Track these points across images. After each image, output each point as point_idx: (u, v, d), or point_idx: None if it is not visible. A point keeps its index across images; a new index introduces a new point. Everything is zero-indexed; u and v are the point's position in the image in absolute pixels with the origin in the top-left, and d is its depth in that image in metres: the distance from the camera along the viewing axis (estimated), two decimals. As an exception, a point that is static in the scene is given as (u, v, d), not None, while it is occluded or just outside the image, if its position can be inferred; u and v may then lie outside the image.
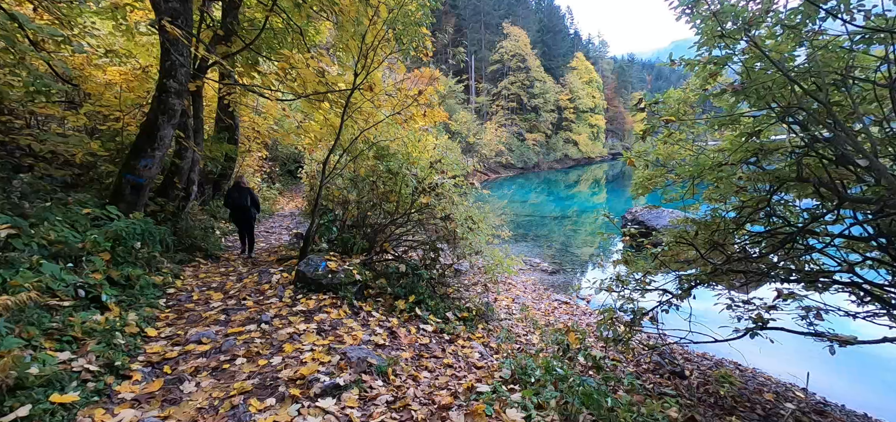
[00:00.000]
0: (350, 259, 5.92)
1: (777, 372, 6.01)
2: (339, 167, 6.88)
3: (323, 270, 5.30)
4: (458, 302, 6.52)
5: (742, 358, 6.14)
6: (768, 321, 4.15)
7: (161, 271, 5.52)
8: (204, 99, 9.31)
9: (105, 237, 4.67)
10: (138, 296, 4.48)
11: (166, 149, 6.89)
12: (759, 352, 5.42)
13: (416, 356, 4.20)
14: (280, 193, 19.48)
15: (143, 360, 3.40)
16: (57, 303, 3.58)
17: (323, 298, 5.06)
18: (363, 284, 5.53)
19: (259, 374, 3.29)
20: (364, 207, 6.88)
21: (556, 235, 20.12)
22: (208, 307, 4.74)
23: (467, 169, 7.04)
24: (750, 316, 4.21)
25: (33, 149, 7.02)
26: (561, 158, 62.49)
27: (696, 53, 3.88)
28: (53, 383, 2.57)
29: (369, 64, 6.12)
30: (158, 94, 6.66)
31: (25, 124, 7.80)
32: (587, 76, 71.89)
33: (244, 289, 5.38)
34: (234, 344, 3.78)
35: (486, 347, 5.12)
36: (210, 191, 11.33)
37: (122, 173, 6.41)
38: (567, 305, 8.88)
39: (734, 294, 4.54)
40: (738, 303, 4.36)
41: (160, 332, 4.00)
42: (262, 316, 4.42)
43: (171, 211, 7.50)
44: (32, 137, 6.99)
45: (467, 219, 6.41)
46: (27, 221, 4.07)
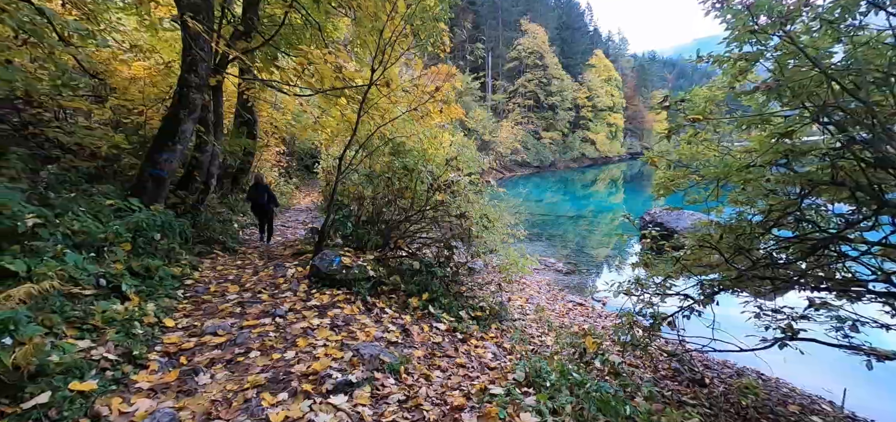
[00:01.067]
0: (364, 255, 5.92)
1: (804, 384, 5.78)
2: (355, 163, 6.88)
3: (337, 265, 5.30)
4: (471, 301, 6.46)
5: (766, 368, 5.92)
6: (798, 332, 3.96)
7: (180, 263, 5.61)
8: (224, 94, 9.45)
9: (126, 228, 4.76)
10: (157, 287, 4.56)
11: (187, 143, 7.01)
12: (784, 362, 5.21)
13: (429, 355, 4.16)
14: (296, 188, 19.72)
15: (160, 350, 3.44)
16: (79, 292, 3.66)
17: (337, 294, 5.06)
18: (377, 281, 5.52)
19: (272, 368, 3.30)
20: (379, 204, 6.87)
21: (572, 235, 19.85)
22: (224, 300, 4.79)
23: (483, 166, 6.95)
24: (779, 325, 4.04)
25: (61, 141, 7.21)
26: (577, 158, 61.68)
27: (725, 50, 3.72)
28: (73, 371, 2.62)
29: (387, 60, 6.09)
30: (180, 88, 6.77)
31: (54, 117, 8.03)
32: (606, 74, 70.69)
33: (260, 282, 5.43)
34: (249, 337, 3.81)
35: (500, 347, 5.05)
36: (229, 185, 11.51)
37: (144, 166, 6.54)
38: (582, 307, 8.73)
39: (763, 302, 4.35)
40: (766, 311, 4.18)
41: (177, 323, 4.05)
42: (276, 310, 4.44)
43: (191, 204, 7.63)
44: (60, 130, 7.19)
45: (482, 217, 6.34)
46: (53, 211, 4.17)
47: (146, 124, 8.87)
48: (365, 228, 6.74)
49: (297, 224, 12.19)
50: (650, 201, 34.19)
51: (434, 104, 7.29)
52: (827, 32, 3.20)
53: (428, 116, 7.54)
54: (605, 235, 20.60)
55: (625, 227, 23.32)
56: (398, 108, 8.06)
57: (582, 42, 73.40)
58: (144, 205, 5.76)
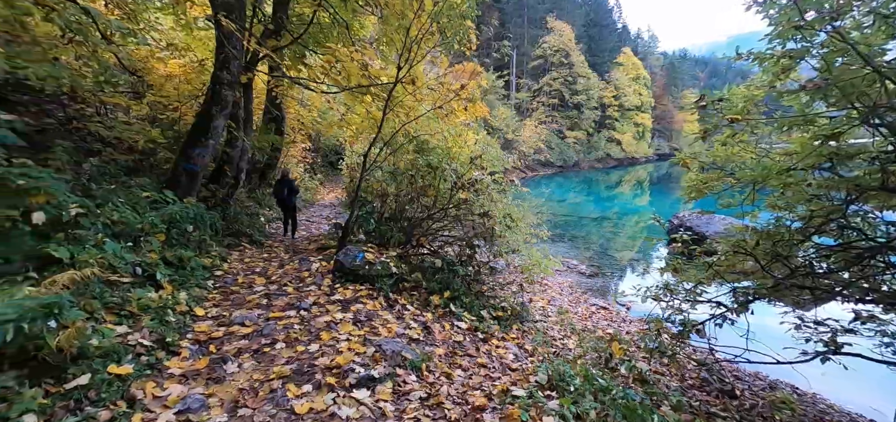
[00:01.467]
0: (387, 251, 5.96)
1: (845, 401, 5.47)
2: (380, 160, 6.94)
3: (360, 261, 5.36)
4: (492, 301, 6.41)
5: (802, 382, 5.63)
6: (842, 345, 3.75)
7: (210, 254, 5.80)
8: (253, 91, 9.70)
9: (161, 220, 4.95)
10: (189, 276, 4.72)
11: (219, 138, 7.23)
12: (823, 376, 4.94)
13: (450, 353, 4.15)
14: (321, 184, 20.07)
15: (191, 338, 3.56)
16: (117, 279, 3.82)
17: (360, 289, 5.12)
18: (399, 278, 5.55)
19: (297, 360, 3.36)
20: (402, 201, 6.91)
21: (595, 236, 19.47)
22: (252, 291, 4.92)
23: (507, 165, 6.88)
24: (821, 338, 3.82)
25: (101, 135, 7.56)
26: (602, 158, 60.40)
27: (767, 47, 3.55)
28: (111, 355, 2.74)
29: (413, 57, 6.11)
30: (213, 85, 6.99)
31: (95, 112, 8.43)
32: (634, 72, 68.91)
33: (285, 275, 5.55)
34: (275, 328, 3.89)
35: (521, 348, 4.99)
36: (256, 179, 11.81)
37: (178, 160, 6.79)
38: (606, 310, 8.54)
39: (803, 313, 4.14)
40: (809, 323, 3.96)
41: (207, 312, 4.18)
42: (301, 303, 4.52)
43: (221, 198, 7.87)
44: (101, 125, 7.54)
45: (506, 216, 6.27)
46: (94, 201, 4.38)
47: (180, 120, 9.19)
48: (388, 225, 6.79)
49: (321, 219, 12.41)
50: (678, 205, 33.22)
51: (459, 102, 7.26)
52: (881, 28, 3.00)
53: (452, 113, 7.52)
54: (630, 238, 20.12)
55: (652, 230, 22.70)
56: (423, 106, 8.08)
57: (610, 40, 71.72)
58: (178, 198, 5.98)
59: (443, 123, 8.15)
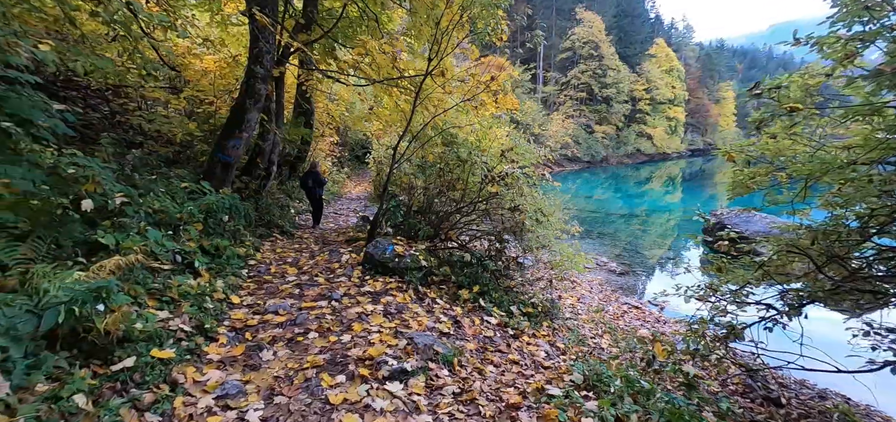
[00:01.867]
0: (416, 245, 5.94)
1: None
2: (409, 154, 6.91)
3: (390, 253, 5.35)
4: (521, 296, 6.30)
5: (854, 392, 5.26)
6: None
7: (244, 244, 5.93)
8: (284, 86, 9.87)
9: (199, 209, 5.09)
10: (224, 265, 4.83)
11: (252, 131, 7.38)
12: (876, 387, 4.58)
13: (481, 349, 4.08)
14: (348, 177, 20.34)
15: (227, 325, 3.64)
16: (158, 266, 3.94)
17: (389, 281, 5.11)
18: (428, 271, 5.51)
19: (330, 350, 3.37)
20: (430, 194, 6.87)
21: (623, 234, 18.94)
22: (284, 281, 5.00)
23: (538, 159, 6.73)
24: (891, 347, 3.53)
25: (143, 128, 7.87)
26: (632, 153, 58.69)
27: (829, 30, 3.27)
28: (154, 339, 2.82)
29: (443, 49, 6.03)
30: (247, 79, 7.13)
31: (137, 106, 8.79)
32: (667, 64, 66.47)
33: (316, 266, 5.61)
34: (307, 318, 3.92)
35: (553, 346, 4.87)
36: (286, 172, 12.05)
37: (213, 152, 6.97)
38: (638, 310, 8.27)
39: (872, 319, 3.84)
40: (879, 329, 3.67)
41: (242, 300, 4.27)
42: (332, 294, 4.55)
43: (254, 189, 8.05)
44: (142, 118, 7.84)
45: (536, 211, 6.13)
46: (137, 191, 4.53)
47: (216, 113, 9.46)
48: (415, 218, 6.77)
49: (348, 212, 12.56)
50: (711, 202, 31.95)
51: (488, 94, 7.14)
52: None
53: (482, 106, 7.40)
54: (660, 236, 19.49)
55: (687, 226, 21.90)
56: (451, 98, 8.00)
57: (642, 30, 69.31)
58: (213, 188, 6.15)
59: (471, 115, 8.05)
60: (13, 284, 2.61)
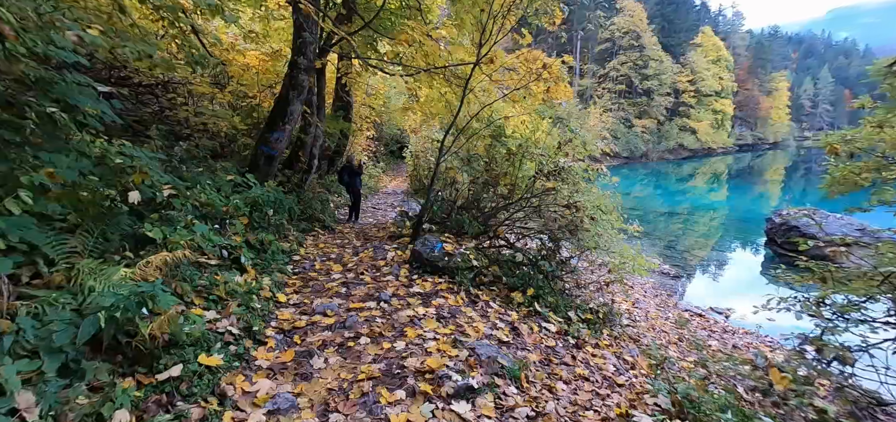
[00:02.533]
0: (465, 242, 5.58)
1: None
2: (455, 147, 6.55)
3: (439, 251, 5.02)
4: (576, 300, 5.82)
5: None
6: None
7: (288, 239, 5.78)
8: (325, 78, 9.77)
9: (245, 203, 4.94)
10: (270, 261, 4.66)
11: (295, 123, 7.26)
12: None
13: (545, 360, 3.67)
14: (383, 172, 20.28)
15: (275, 326, 3.41)
16: (205, 260, 3.78)
17: (439, 282, 4.78)
18: (478, 271, 5.14)
19: (384, 358, 3.07)
20: (478, 188, 6.48)
21: (662, 232, 17.90)
22: (329, 278, 4.77)
23: (596, 152, 6.20)
24: None
25: (189, 121, 7.95)
26: (674, 149, 55.82)
27: None
28: (201, 343, 2.60)
29: (495, 33, 5.62)
30: (290, 70, 6.99)
31: (184, 101, 8.93)
32: (714, 54, 62.77)
33: (361, 263, 5.36)
34: (357, 320, 3.65)
35: (620, 359, 4.39)
36: (326, 165, 12.00)
37: (257, 145, 6.89)
38: (701, 317, 7.57)
39: None
40: None
41: (289, 298, 4.06)
42: (380, 294, 4.27)
43: (296, 183, 7.96)
44: (189, 112, 7.91)
45: (595, 208, 5.63)
46: (184, 183, 4.42)
47: (258, 107, 9.48)
48: (461, 214, 6.41)
49: (386, 207, 12.39)
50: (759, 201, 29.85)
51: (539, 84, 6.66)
52: None
53: (531, 96, 6.93)
54: (703, 236, 18.34)
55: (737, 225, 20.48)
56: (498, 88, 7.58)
57: (687, 19, 65.76)
58: (257, 182, 6.04)
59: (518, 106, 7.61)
60: (59, 279, 2.45)
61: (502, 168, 6.56)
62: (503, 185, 6.73)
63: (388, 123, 21.23)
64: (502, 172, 6.71)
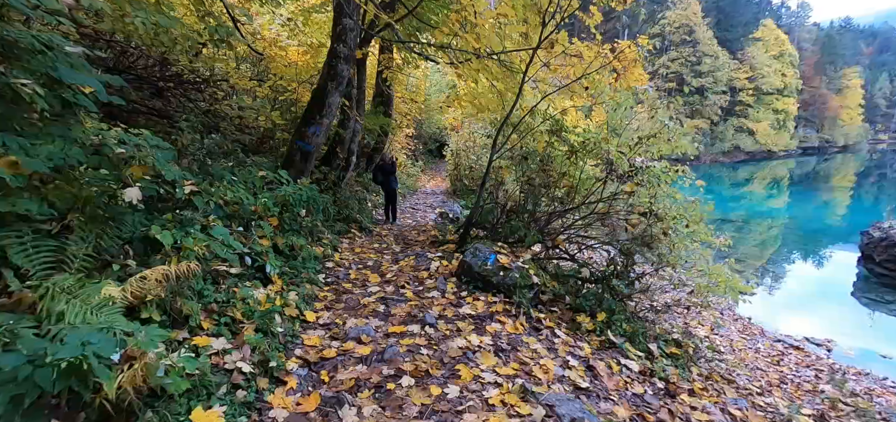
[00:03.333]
0: (520, 253, 4.80)
1: None
2: (510, 143, 5.77)
3: (492, 264, 4.27)
4: (653, 327, 4.89)
5: None
6: None
7: (322, 242, 5.23)
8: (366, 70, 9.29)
9: (275, 202, 4.41)
10: (300, 269, 4.09)
11: (333, 116, 6.74)
12: None
13: (636, 417, 2.83)
14: (422, 171, 19.74)
15: (299, 356, 2.79)
16: (225, 269, 3.24)
17: (493, 301, 4.03)
18: (539, 289, 4.35)
19: (434, 411, 2.36)
20: (536, 191, 5.66)
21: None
22: (365, 291, 4.14)
23: (689, 149, 5.24)
24: None
25: (228, 115, 7.67)
26: (730, 151, 51.96)
27: None
28: (199, 389, 1.99)
29: (559, 10, 4.79)
30: (329, 59, 6.47)
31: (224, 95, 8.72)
32: (776, 49, 57.88)
33: (401, 274, 4.70)
34: (398, 351, 2.97)
35: (725, 413, 3.46)
36: (364, 163, 11.54)
37: (293, 139, 6.42)
38: (798, 350, 6.35)
39: None
40: None
41: (318, 316, 3.45)
42: (425, 315, 3.58)
43: (332, 180, 7.47)
44: (229, 106, 7.64)
45: (680, 217, 4.68)
46: (209, 179, 3.93)
47: (297, 102, 9.14)
48: (515, 220, 5.62)
49: (425, 208, 11.76)
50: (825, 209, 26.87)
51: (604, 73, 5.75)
52: None
53: (591, 87, 6.01)
54: (756, 246, 16.53)
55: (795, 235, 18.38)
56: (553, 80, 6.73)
57: (745, 11, 61.10)
58: (292, 178, 5.55)
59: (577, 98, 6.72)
60: (30, 300, 1.91)
61: (561, 168, 5.72)
62: (561, 187, 5.89)
63: (428, 121, 20.66)
64: (560, 173, 5.87)
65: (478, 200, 5.44)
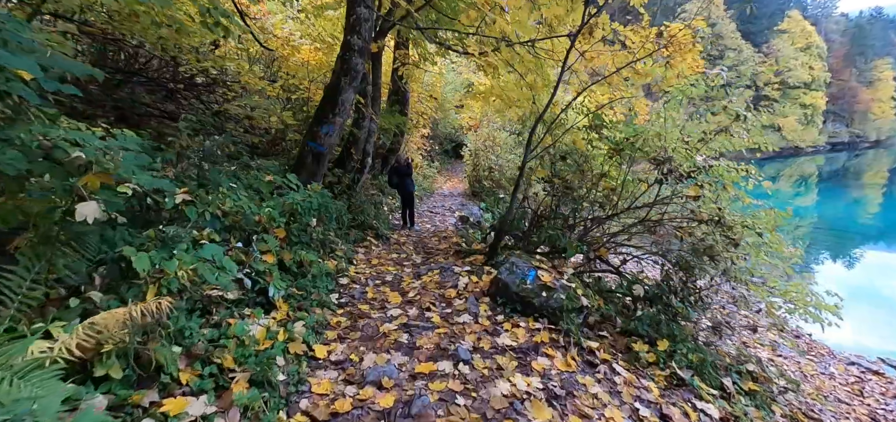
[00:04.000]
0: (561, 267, 4.15)
1: None
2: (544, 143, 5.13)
3: (532, 283, 3.64)
4: (720, 355, 4.18)
5: None
6: None
7: (335, 254, 4.68)
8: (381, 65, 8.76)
9: (281, 211, 3.87)
10: (310, 289, 3.53)
11: (347, 115, 6.21)
12: None
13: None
14: (438, 172, 19.15)
15: (305, 409, 2.22)
16: (220, 295, 2.69)
17: (535, 328, 3.40)
18: (588, 312, 3.70)
19: (481, 498, 1.75)
20: (574, 194, 5.01)
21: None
22: (385, 315, 3.56)
23: (760, 143, 4.53)
24: None
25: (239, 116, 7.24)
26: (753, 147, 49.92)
27: None
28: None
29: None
30: (342, 53, 5.93)
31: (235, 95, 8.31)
32: (803, 41, 55.60)
33: (425, 292, 4.11)
34: (428, 401, 2.38)
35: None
36: (379, 165, 11.02)
37: (305, 140, 5.90)
38: (879, 376, 5.55)
39: None
40: None
41: (330, 349, 2.88)
42: (457, 347, 2.98)
43: (347, 184, 6.94)
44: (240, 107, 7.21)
45: (753, 225, 3.97)
46: (204, 186, 3.40)
47: (309, 101, 8.67)
48: (552, 228, 4.97)
49: (444, 211, 11.17)
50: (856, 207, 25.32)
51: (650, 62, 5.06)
52: None
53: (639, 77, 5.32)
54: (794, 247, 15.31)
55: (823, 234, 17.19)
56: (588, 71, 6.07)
57: (770, 2, 58.86)
58: (303, 182, 5.03)
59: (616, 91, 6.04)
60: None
61: (603, 168, 5.05)
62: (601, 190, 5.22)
63: (443, 121, 20.07)
64: (599, 174, 5.20)
65: (510, 205, 4.81)
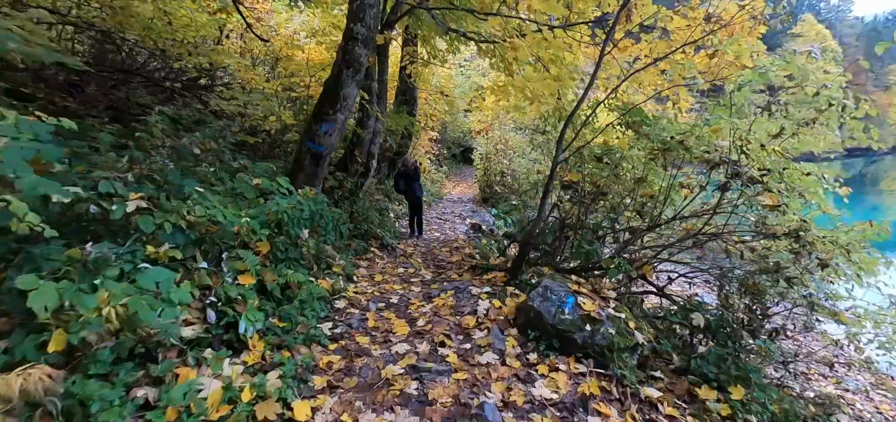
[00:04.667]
0: (602, 289, 3.43)
1: None
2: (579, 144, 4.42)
3: (571, 311, 2.92)
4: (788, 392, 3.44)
5: None
6: None
7: (331, 271, 4.00)
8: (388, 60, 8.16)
9: (264, 221, 3.21)
10: (295, 320, 2.85)
11: (349, 112, 5.57)
12: None
13: None
14: (446, 177, 18.48)
15: None
16: (158, 343, 2.02)
17: (579, 371, 2.69)
18: (641, 348, 2.98)
19: None
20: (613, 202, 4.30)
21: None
22: (388, 351, 2.87)
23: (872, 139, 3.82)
24: None
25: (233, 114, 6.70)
26: (770, 153, 48.72)
27: None
28: None
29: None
30: (343, 43, 5.31)
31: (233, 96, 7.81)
32: (818, 44, 54.36)
33: (437, 319, 3.41)
34: (448, 494, 1.68)
35: None
36: (386, 169, 10.36)
37: (303, 139, 5.27)
38: (967, 414, 4.73)
39: None
40: None
41: (316, 408, 2.19)
42: (482, 404, 2.28)
43: (349, 189, 6.29)
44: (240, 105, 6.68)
45: (839, 242, 3.24)
46: (165, 190, 2.75)
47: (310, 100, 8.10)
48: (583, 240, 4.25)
49: (453, 218, 10.48)
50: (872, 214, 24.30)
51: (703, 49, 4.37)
52: None
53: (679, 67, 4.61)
54: None
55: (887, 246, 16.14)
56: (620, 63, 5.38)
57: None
58: (300, 185, 4.38)
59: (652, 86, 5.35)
60: None
61: (643, 172, 4.35)
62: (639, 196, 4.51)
63: (452, 124, 19.42)
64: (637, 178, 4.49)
65: (539, 214, 4.11)
